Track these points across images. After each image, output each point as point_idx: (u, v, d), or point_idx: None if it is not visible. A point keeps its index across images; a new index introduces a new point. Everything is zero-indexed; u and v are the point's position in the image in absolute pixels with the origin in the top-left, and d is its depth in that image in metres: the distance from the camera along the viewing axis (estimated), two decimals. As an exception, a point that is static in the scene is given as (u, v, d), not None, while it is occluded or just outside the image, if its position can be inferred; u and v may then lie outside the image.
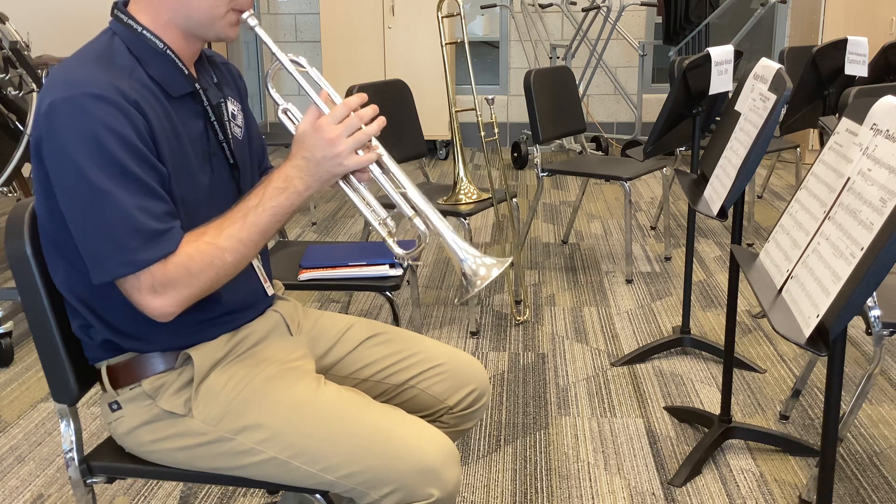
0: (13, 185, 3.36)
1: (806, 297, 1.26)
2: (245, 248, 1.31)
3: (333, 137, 1.30)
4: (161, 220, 1.27)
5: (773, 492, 2.19)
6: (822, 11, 5.72)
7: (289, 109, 1.41)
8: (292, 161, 1.32)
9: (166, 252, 1.27)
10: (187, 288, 1.29)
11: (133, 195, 1.25)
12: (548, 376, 2.86)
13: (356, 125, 1.31)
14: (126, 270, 1.26)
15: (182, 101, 1.39)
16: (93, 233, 1.25)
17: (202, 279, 1.29)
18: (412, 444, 1.34)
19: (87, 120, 1.23)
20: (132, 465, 1.46)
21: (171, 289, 1.28)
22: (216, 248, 1.29)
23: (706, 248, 4.25)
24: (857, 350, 3.01)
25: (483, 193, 3.32)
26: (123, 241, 1.25)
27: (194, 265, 1.28)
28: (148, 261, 1.26)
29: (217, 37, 1.40)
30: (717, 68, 2.63)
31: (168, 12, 1.36)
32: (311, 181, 1.32)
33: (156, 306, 1.28)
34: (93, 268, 1.28)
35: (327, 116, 1.31)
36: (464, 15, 3.32)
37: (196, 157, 1.40)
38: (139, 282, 1.27)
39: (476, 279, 1.32)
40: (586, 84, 6.32)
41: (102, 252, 1.26)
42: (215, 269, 1.30)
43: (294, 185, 1.32)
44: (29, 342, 3.15)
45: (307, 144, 1.31)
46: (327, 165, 1.31)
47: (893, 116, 1.21)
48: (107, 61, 1.32)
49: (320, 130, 1.30)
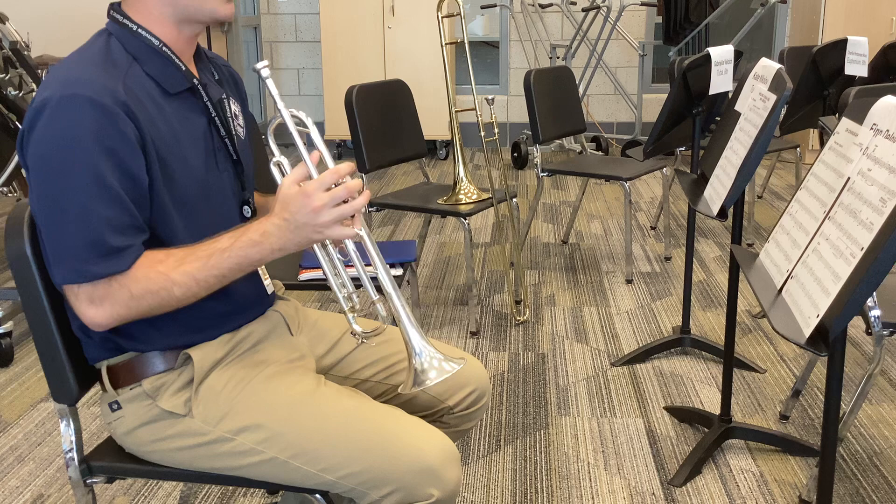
0: (13, 185, 3.36)
1: (806, 297, 1.26)
2: (198, 288, 1.31)
3: (319, 206, 1.27)
4: (123, 235, 1.28)
5: (773, 492, 2.19)
6: (822, 11, 5.72)
7: (281, 163, 1.38)
8: (273, 219, 1.30)
9: (116, 270, 1.28)
10: (124, 308, 1.30)
11: (102, 204, 1.26)
12: (548, 376, 2.86)
13: (343, 196, 1.28)
14: (74, 279, 1.27)
15: (182, 98, 1.39)
16: (55, 235, 1.27)
17: (141, 304, 1.30)
18: (412, 444, 1.34)
19: (75, 122, 1.24)
20: (132, 465, 1.46)
21: (108, 304, 1.29)
22: (167, 279, 1.29)
23: (706, 248, 4.25)
24: (857, 350, 3.01)
25: (483, 193, 3.32)
26: (78, 250, 1.26)
27: (138, 289, 1.29)
28: (97, 275, 1.27)
29: (212, 17, 1.38)
30: (717, 68, 2.63)
31: (157, 5, 1.36)
32: (287, 242, 1.30)
33: (90, 316, 1.30)
34: (50, 267, 1.31)
35: (316, 182, 1.28)
36: (464, 15, 3.32)
37: (199, 156, 1.40)
38: (80, 289, 1.28)
39: (425, 377, 1.31)
40: (586, 84, 6.32)
41: (59, 254, 1.28)
42: (159, 299, 1.30)
43: (269, 242, 1.30)
44: (29, 342, 3.15)
45: (291, 207, 1.28)
46: (306, 231, 1.29)
47: (893, 116, 1.21)
48: (104, 61, 1.32)
49: (307, 196, 1.27)
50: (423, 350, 1.33)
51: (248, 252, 1.30)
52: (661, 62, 7.06)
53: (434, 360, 1.32)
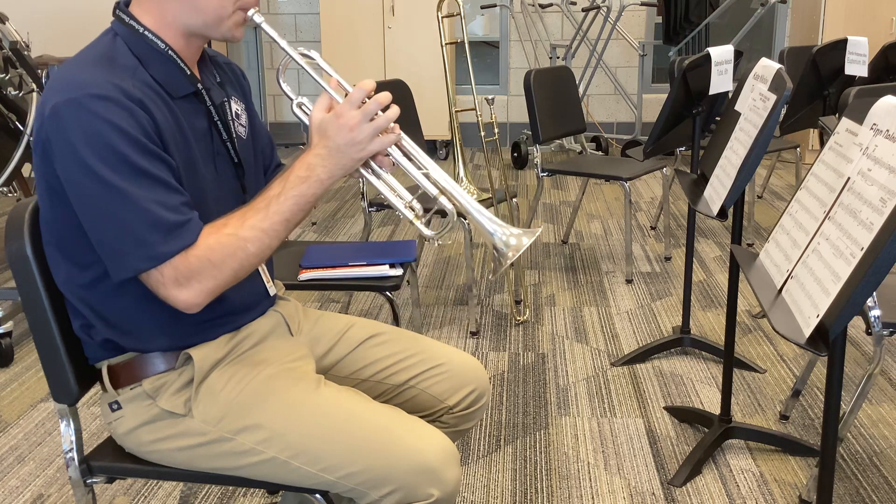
0: (13, 185, 3.36)
1: (806, 297, 1.26)
2: (268, 238, 1.31)
3: (354, 124, 1.30)
4: (178, 212, 1.27)
5: (773, 492, 2.19)
6: (822, 11, 5.72)
7: (303, 103, 1.41)
8: (314, 150, 1.32)
9: (186, 244, 1.27)
10: (211, 279, 1.28)
11: (147, 190, 1.25)
12: (548, 376, 2.86)
13: (374, 110, 1.31)
14: (148, 265, 1.26)
15: (185, 101, 1.39)
16: (111, 231, 1.26)
17: (225, 270, 1.29)
18: (412, 444, 1.34)
19: (92, 120, 1.23)
20: (132, 465, 1.46)
21: (195, 281, 1.27)
22: (238, 238, 1.29)
23: (706, 248, 4.25)
24: (857, 350, 3.01)
25: (483, 193, 3.32)
26: (143, 235, 1.25)
27: (216, 256, 1.28)
28: (169, 253, 1.26)
29: (223, 37, 1.40)
30: (717, 68, 2.63)
31: (173, 12, 1.36)
32: (334, 168, 1.32)
33: (182, 299, 1.28)
34: (114, 265, 1.28)
35: (345, 103, 1.31)
36: (464, 15, 3.32)
37: (201, 157, 1.40)
38: (163, 276, 1.27)
39: (508, 251, 1.33)
40: (586, 84, 6.32)
41: (123, 249, 1.26)
42: (238, 260, 1.30)
43: (316, 174, 1.32)
44: (29, 342, 3.15)
45: (329, 132, 1.31)
46: (349, 152, 1.31)
47: (893, 116, 1.21)
48: (109, 62, 1.32)
49: (341, 117, 1.30)
50: (497, 230, 1.34)
51: (301, 189, 1.31)
52: (661, 62, 7.06)
53: (511, 238, 1.33)
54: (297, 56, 1.40)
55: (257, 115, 1.61)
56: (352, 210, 5.09)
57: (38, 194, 1.35)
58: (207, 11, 1.36)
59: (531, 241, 1.33)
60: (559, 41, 6.51)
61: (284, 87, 1.44)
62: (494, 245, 1.34)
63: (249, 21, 1.40)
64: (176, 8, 1.36)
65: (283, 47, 1.39)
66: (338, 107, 1.32)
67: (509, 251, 1.33)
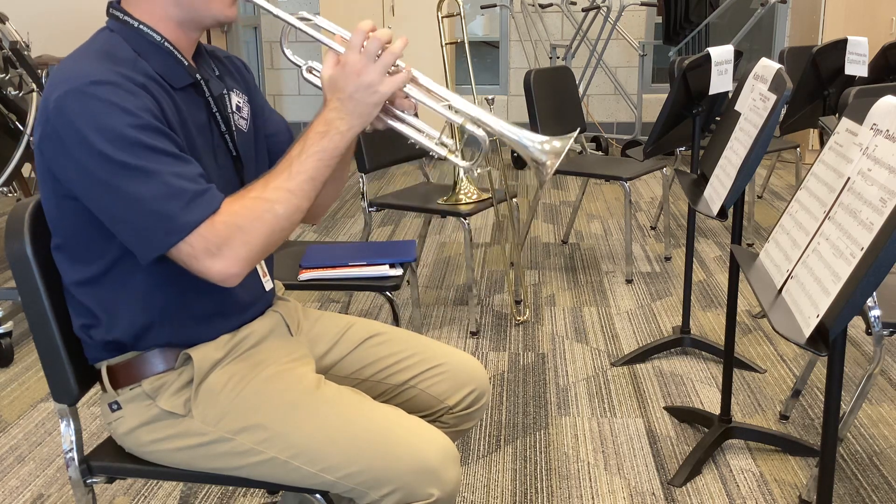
0: (13, 185, 3.36)
1: (806, 297, 1.26)
2: (296, 198, 1.29)
3: (360, 68, 1.29)
4: (196, 182, 1.26)
5: (773, 492, 2.19)
6: (822, 11, 5.71)
7: (312, 66, 1.41)
8: (329, 105, 1.32)
9: (209, 211, 1.25)
10: (243, 246, 1.26)
11: (161, 164, 1.24)
12: (548, 376, 2.86)
13: (377, 48, 1.30)
14: (174, 238, 1.24)
15: (184, 92, 1.39)
16: (132, 213, 1.24)
17: (256, 235, 1.27)
18: (412, 444, 1.34)
19: (97, 105, 1.22)
20: (132, 465, 1.46)
21: (226, 248, 1.25)
22: (264, 201, 1.27)
23: (706, 248, 4.25)
24: (857, 350, 3.01)
25: (483, 193, 3.32)
26: (163, 210, 1.23)
27: (243, 221, 1.26)
28: (193, 223, 1.23)
29: (215, 19, 1.38)
30: (717, 68, 2.63)
31: (162, 4, 1.36)
32: (352, 118, 1.31)
33: (217, 269, 1.25)
34: (140, 247, 1.26)
35: (347, 50, 1.31)
36: (464, 15, 3.32)
37: (203, 150, 1.40)
38: (192, 248, 1.24)
39: (547, 160, 1.32)
40: (586, 84, 6.32)
41: (145, 228, 1.24)
42: (267, 224, 1.27)
43: (335, 127, 1.31)
44: (29, 342, 3.15)
45: (338, 84, 1.31)
46: (362, 97, 1.30)
47: (893, 116, 1.21)
48: (107, 55, 1.31)
49: (346, 66, 1.30)
50: (532, 142, 1.33)
51: (322, 144, 1.30)
52: (661, 62, 7.06)
53: (546, 145, 1.33)
54: (296, 21, 1.38)
55: (267, 105, 1.60)
56: (352, 210, 5.09)
57: (42, 194, 1.35)
58: None
59: (568, 145, 1.31)
60: (559, 41, 6.51)
61: (289, 54, 1.43)
62: (533, 157, 1.33)
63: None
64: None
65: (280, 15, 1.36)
66: (341, 57, 1.32)
67: (548, 159, 1.32)
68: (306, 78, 1.42)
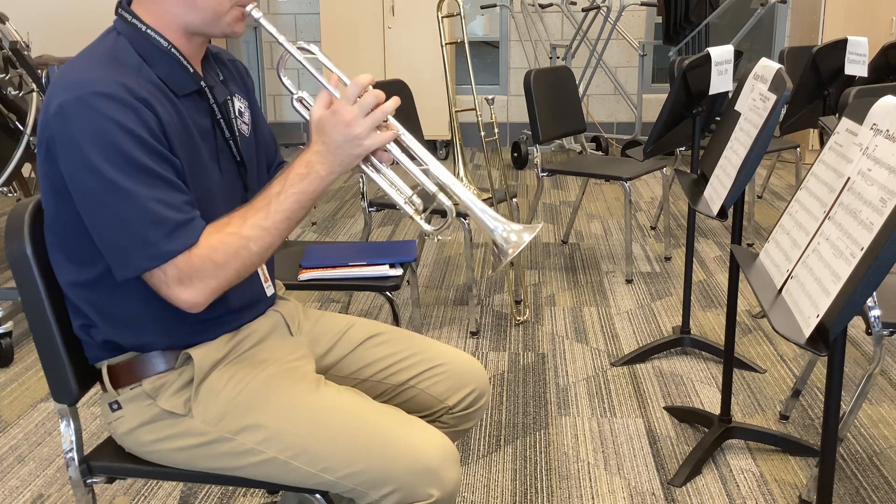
0: (13, 185, 3.36)
1: (806, 297, 1.26)
2: (270, 237, 1.32)
3: (350, 119, 1.30)
4: (181, 211, 1.28)
5: (773, 492, 2.19)
6: (822, 11, 5.71)
7: (303, 98, 1.42)
8: (313, 147, 1.33)
9: (189, 243, 1.27)
10: (214, 279, 1.29)
11: (150, 188, 1.25)
12: (548, 376, 2.86)
13: (371, 104, 1.31)
14: (151, 264, 1.26)
15: (189, 99, 1.39)
16: (114, 230, 1.26)
17: (228, 269, 1.30)
18: (412, 444, 1.34)
19: (98, 119, 1.23)
20: (132, 465, 1.46)
21: (197, 280, 1.28)
22: (241, 237, 1.30)
23: (706, 248, 4.25)
24: (857, 350, 3.01)
25: (483, 193, 3.32)
26: (146, 234, 1.25)
27: (219, 256, 1.28)
28: (172, 252, 1.26)
29: (223, 33, 1.40)
30: (717, 68, 2.63)
31: (172, 11, 1.36)
32: (333, 165, 1.33)
33: (185, 298, 1.29)
34: (117, 265, 1.28)
35: (342, 98, 1.32)
36: (464, 15, 3.32)
37: (207, 155, 1.40)
38: (165, 275, 1.27)
39: (508, 247, 1.33)
40: (586, 84, 6.32)
41: (126, 248, 1.26)
42: (241, 259, 1.30)
43: (316, 171, 1.32)
44: (29, 342, 3.15)
45: (326, 129, 1.32)
46: (347, 148, 1.32)
47: (893, 116, 1.21)
48: (113, 61, 1.32)
49: (337, 114, 1.31)
50: (498, 226, 1.34)
51: (301, 186, 1.32)
52: (661, 62, 7.06)
53: (512, 234, 1.34)
54: (296, 52, 1.41)
55: (260, 112, 1.61)
56: (352, 210, 5.09)
57: (42, 194, 1.35)
58: (205, 8, 1.36)
59: (532, 238, 1.33)
60: (559, 41, 6.51)
61: (285, 81, 1.44)
62: (495, 241, 1.34)
63: (248, 17, 1.40)
64: (175, 6, 1.36)
65: (282, 43, 1.39)
66: (335, 103, 1.33)
67: (509, 247, 1.33)
68: (295, 107, 1.43)
